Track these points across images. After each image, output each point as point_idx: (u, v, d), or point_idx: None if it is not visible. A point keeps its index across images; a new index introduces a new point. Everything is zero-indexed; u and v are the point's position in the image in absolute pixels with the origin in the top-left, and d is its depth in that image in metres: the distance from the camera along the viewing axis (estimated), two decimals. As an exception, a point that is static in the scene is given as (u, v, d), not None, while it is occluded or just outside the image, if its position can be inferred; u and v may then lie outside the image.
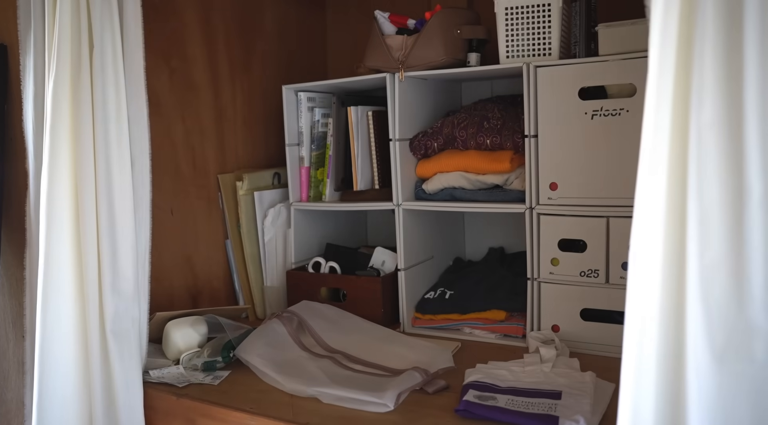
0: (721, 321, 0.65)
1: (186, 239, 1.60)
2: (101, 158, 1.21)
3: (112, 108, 1.22)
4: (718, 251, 0.65)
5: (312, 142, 1.71)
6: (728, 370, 0.65)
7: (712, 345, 0.65)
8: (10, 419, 1.41)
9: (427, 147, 1.54)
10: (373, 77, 1.54)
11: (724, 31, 0.64)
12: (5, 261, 1.39)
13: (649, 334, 0.69)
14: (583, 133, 1.32)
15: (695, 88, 0.65)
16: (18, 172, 1.34)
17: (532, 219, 1.38)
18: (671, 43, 0.67)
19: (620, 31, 1.31)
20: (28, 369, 1.31)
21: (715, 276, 0.65)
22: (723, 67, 0.64)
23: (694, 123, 0.65)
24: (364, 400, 1.13)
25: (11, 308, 1.39)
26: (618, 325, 1.29)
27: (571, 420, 1.01)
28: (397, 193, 1.54)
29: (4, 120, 1.35)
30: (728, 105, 0.64)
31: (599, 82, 1.31)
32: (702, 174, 0.65)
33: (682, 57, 0.67)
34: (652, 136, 0.68)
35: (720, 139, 0.65)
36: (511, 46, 1.41)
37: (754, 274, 0.64)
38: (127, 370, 1.24)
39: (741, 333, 0.65)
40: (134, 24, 1.23)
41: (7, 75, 1.34)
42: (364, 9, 1.89)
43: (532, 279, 1.41)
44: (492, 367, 1.25)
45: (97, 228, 1.22)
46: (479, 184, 1.49)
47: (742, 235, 0.64)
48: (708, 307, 0.65)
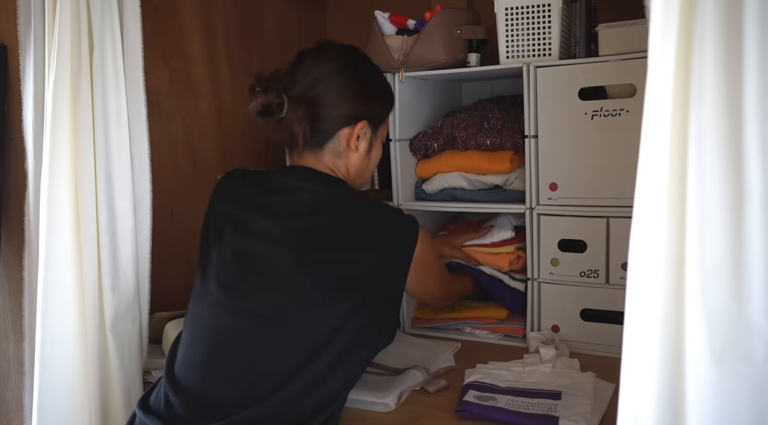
0: (721, 321, 0.65)
1: (186, 239, 1.60)
2: (101, 158, 1.21)
3: (112, 108, 1.22)
4: (718, 251, 0.65)
5: (312, 142, 1.71)
6: (728, 370, 0.65)
7: (711, 345, 0.65)
8: (10, 419, 1.41)
9: (427, 147, 1.54)
10: (373, 77, 1.54)
11: (724, 31, 0.64)
12: (5, 261, 1.38)
13: (649, 334, 0.69)
14: (583, 133, 1.32)
15: (695, 88, 0.65)
16: (18, 172, 1.34)
17: (532, 220, 1.38)
18: (671, 43, 0.67)
19: (620, 32, 1.31)
20: (28, 369, 1.31)
21: (715, 276, 0.65)
22: (723, 67, 0.64)
23: (694, 123, 0.65)
24: (366, 400, 1.14)
25: (11, 308, 1.39)
26: (618, 325, 1.29)
27: (571, 421, 1.01)
28: (397, 193, 1.54)
29: (4, 120, 1.35)
30: (728, 105, 0.64)
31: (599, 83, 1.31)
32: (702, 174, 0.65)
33: (682, 57, 0.67)
34: (652, 136, 0.68)
35: (720, 139, 0.64)
36: (511, 47, 1.41)
37: (754, 274, 0.64)
38: (127, 370, 1.24)
39: (741, 334, 0.65)
40: (134, 24, 1.24)
41: (7, 75, 1.34)
42: (364, 9, 1.89)
43: (532, 279, 1.41)
44: (492, 367, 1.26)
45: (97, 228, 1.22)
46: (479, 184, 1.49)
47: (742, 235, 0.64)
48: (708, 307, 0.65)
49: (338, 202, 1.10)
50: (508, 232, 1.48)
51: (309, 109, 1.10)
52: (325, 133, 1.14)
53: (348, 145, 1.15)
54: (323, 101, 1.11)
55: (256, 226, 1.08)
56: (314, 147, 1.15)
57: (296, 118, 1.09)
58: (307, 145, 1.13)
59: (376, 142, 1.22)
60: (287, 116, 1.10)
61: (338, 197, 1.11)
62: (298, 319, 1.01)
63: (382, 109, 1.22)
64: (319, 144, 1.14)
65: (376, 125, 1.20)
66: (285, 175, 1.17)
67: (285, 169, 1.25)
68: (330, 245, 1.05)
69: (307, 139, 1.12)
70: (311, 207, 1.09)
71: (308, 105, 1.10)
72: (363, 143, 1.17)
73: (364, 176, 1.23)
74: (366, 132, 1.17)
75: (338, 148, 1.15)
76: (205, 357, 1.02)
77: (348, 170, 1.18)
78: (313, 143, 1.14)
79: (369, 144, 1.19)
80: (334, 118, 1.13)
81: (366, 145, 1.18)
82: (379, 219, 1.09)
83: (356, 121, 1.14)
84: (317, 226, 1.07)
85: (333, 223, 1.07)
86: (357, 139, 1.15)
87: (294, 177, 1.14)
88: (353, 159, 1.17)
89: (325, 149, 1.15)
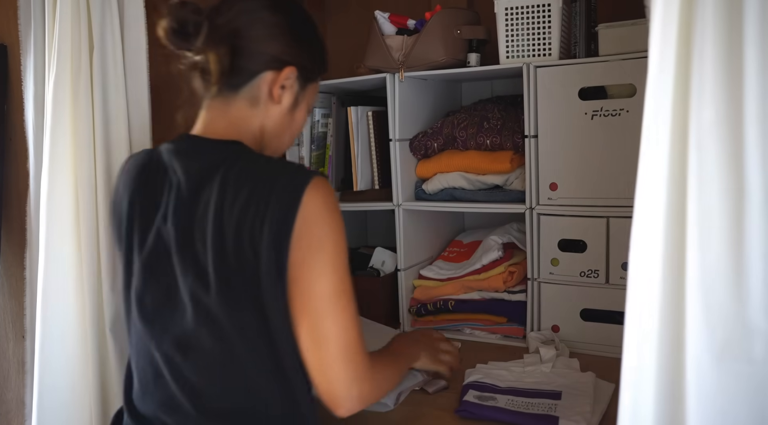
0: (721, 321, 0.65)
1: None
2: (101, 158, 1.21)
3: (112, 108, 1.22)
4: (718, 251, 0.65)
5: (312, 143, 1.71)
6: (728, 370, 0.65)
7: (711, 345, 0.65)
8: (10, 419, 1.41)
9: (427, 147, 1.54)
10: (373, 77, 1.54)
11: (724, 31, 0.64)
12: (5, 261, 1.39)
13: (649, 334, 0.69)
14: (583, 133, 1.32)
15: (695, 88, 0.65)
16: (18, 172, 1.34)
17: (532, 220, 1.38)
18: (671, 43, 0.67)
19: (620, 31, 1.31)
20: (28, 369, 1.31)
21: (715, 276, 0.65)
22: (723, 67, 0.64)
23: (694, 123, 0.65)
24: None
25: (11, 308, 1.39)
26: (618, 325, 1.29)
27: (571, 421, 1.01)
28: (397, 193, 1.54)
29: (4, 120, 1.35)
30: (728, 105, 0.64)
31: (599, 83, 1.31)
32: (702, 174, 0.65)
33: (682, 57, 0.67)
34: (652, 137, 0.68)
35: (720, 139, 0.65)
36: (511, 46, 1.41)
37: (754, 274, 0.64)
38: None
39: (740, 333, 0.65)
40: (136, 24, 1.24)
41: (7, 75, 1.34)
42: (364, 9, 1.89)
43: (532, 279, 1.41)
44: (492, 367, 1.26)
45: (97, 228, 1.22)
46: (479, 184, 1.49)
47: (742, 236, 0.64)
48: (708, 307, 0.65)
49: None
50: (495, 253, 1.49)
51: (230, 40, 0.93)
52: (244, 73, 0.96)
53: (270, 94, 0.97)
54: (248, 34, 0.95)
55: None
56: (229, 90, 0.96)
57: (214, 49, 0.93)
58: (222, 87, 0.96)
59: (302, 102, 1.02)
60: (205, 46, 0.92)
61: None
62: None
63: (313, 62, 1.02)
64: (236, 87, 0.96)
65: (305, 80, 1.01)
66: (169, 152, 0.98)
67: (174, 143, 1.01)
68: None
69: (223, 79, 0.95)
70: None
71: (230, 35, 0.93)
72: (287, 96, 0.98)
73: (282, 139, 1.02)
74: (293, 84, 0.98)
75: (257, 95, 0.96)
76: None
77: (263, 128, 0.99)
78: (229, 85, 0.96)
79: (294, 100, 0.99)
80: (256, 56, 0.95)
81: (290, 100, 0.99)
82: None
83: (282, 66, 0.96)
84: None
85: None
86: (282, 89, 0.97)
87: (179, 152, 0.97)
88: (273, 113, 0.98)
89: (240, 94, 0.96)
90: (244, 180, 0.88)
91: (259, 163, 0.92)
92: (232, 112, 0.97)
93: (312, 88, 1.05)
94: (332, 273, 0.87)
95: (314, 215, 0.87)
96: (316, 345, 0.86)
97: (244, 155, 0.93)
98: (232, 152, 0.93)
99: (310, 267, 0.86)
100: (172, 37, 0.93)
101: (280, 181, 0.87)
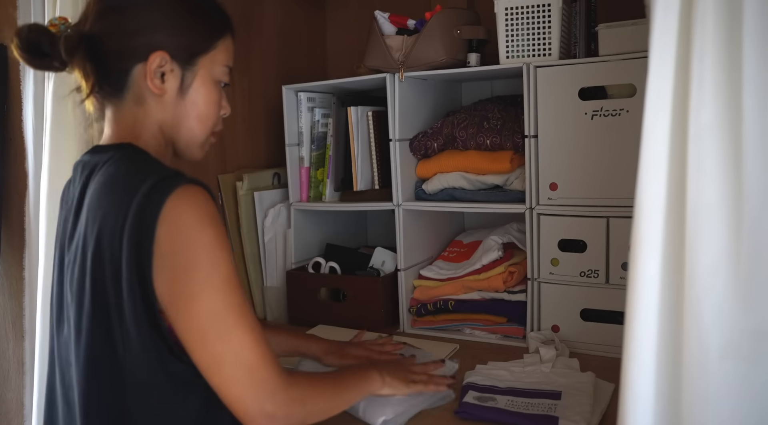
0: (721, 321, 0.65)
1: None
2: (101, 158, 1.21)
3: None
4: (718, 251, 0.65)
5: (312, 142, 1.71)
6: (728, 370, 0.65)
7: (711, 345, 0.65)
8: (10, 419, 1.41)
9: (427, 147, 1.54)
10: (373, 77, 1.54)
11: (724, 31, 0.64)
12: (5, 261, 1.39)
13: (649, 334, 0.69)
14: (583, 133, 1.33)
15: (695, 88, 0.65)
16: (18, 172, 1.34)
17: (532, 220, 1.38)
18: (671, 43, 0.67)
19: (620, 31, 1.31)
20: (28, 369, 1.31)
21: (715, 276, 0.65)
22: (723, 68, 0.64)
23: (694, 123, 0.65)
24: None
25: (11, 308, 1.39)
26: (618, 325, 1.29)
27: (570, 421, 1.01)
28: (397, 193, 1.54)
29: (4, 120, 1.35)
30: (728, 105, 0.64)
31: (599, 83, 1.31)
32: (702, 174, 0.65)
33: (682, 57, 0.67)
34: (652, 137, 0.68)
35: (719, 140, 0.65)
36: (511, 46, 1.41)
37: (754, 274, 0.64)
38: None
39: (741, 333, 0.65)
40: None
41: (7, 75, 1.34)
42: (364, 9, 1.89)
43: (532, 279, 1.41)
44: (492, 368, 1.25)
45: (97, 228, 1.21)
46: (479, 184, 1.49)
47: (741, 235, 0.64)
48: (708, 307, 0.65)
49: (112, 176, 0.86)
50: (495, 253, 1.49)
51: (88, 46, 0.87)
52: (115, 75, 0.90)
53: (151, 88, 0.90)
54: (104, 34, 0.88)
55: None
56: (113, 96, 0.91)
57: (77, 60, 0.87)
58: (105, 95, 0.91)
59: (196, 81, 0.93)
60: (69, 59, 0.86)
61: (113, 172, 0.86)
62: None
63: (190, 35, 0.92)
64: (117, 90, 0.91)
65: (188, 56, 0.92)
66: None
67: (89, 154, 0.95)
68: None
69: (99, 87, 0.89)
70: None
71: (87, 40, 0.87)
72: (171, 83, 0.90)
73: (187, 127, 0.94)
74: (171, 67, 0.90)
75: (139, 93, 0.90)
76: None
77: (161, 123, 0.92)
78: (110, 92, 0.91)
79: (180, 82, 0.91)
80: (119, 54, 0.89)
81: (176, 85, 0.91)
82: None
83: (145, 55, 0.89)
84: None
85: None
86: (161, 77, 0.90)
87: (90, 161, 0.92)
88: (164, 105, 0.91)
89: (125, 97, 0.91)
90: (109, 187, 0.83)
91: (128, 167, 0.85)
92: (125, 116, 0.92)
93: (207, 58, 0.94)
94: (212, 291, 0.79)
95: (179, 229, 0.78)
96: (213, 368, 0.80)
97: (122, 159, 0.87)
98: (110, 156, 0.88)
99: (183, 289, 0.79)
100: (29, 59, 0.88)
101: (142, 189, 0.79)
